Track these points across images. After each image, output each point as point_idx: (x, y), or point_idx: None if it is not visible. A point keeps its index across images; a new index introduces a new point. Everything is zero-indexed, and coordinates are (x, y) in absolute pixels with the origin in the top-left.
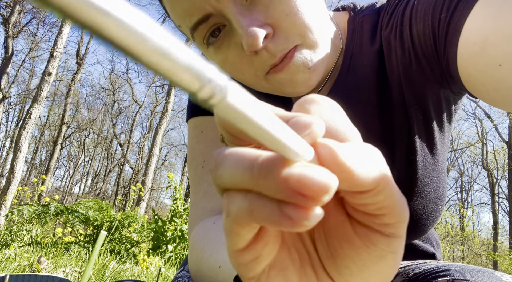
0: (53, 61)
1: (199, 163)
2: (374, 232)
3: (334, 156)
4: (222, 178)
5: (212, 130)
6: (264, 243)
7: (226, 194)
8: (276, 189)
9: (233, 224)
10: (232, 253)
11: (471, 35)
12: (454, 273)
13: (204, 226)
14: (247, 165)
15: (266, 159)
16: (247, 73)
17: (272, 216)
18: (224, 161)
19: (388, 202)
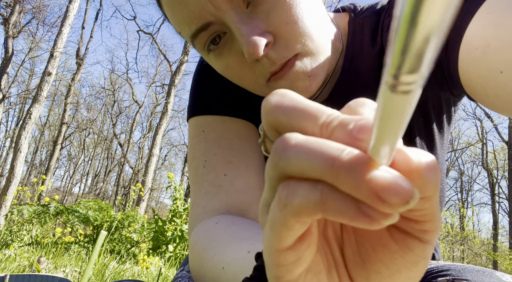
0: (53, 61)
1: (200, 162)
2: (412, 238)
3: (408, 161)
4: (290, 162)
5: (213, 129)
6: (307, 244)
7: (286, 183)
8: (356, 187)
9: (290, 216)
10: (274, 253)
11: (473, 41)
12: (454, 273)
13: (205, 226)
14: (329, 155)
15: (351, 153)
16: (248, 80)
17: (348, 210)
18: (297, 146)
19: (432, 210)
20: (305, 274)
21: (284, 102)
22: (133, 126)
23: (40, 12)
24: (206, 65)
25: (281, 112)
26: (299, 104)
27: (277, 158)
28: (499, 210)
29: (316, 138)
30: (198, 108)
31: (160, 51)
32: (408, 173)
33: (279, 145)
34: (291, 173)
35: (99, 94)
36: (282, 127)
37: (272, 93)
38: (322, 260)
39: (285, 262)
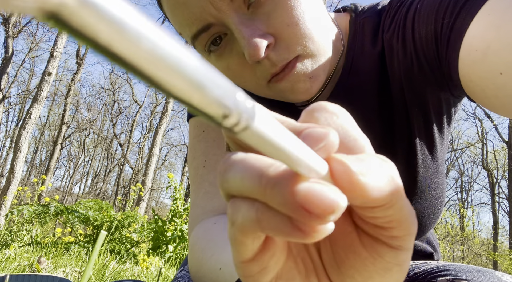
0: (53, 61)
1: (200, 162)
2: (382, 244)
3: (348, 173)
4: (229, 183)
5: (213, 130)
6: (271, 254)
7: (232, 202)
8: (282, 202)
9: (238, 233)
10: (238, 264)
11: (473, 42)
12: (454, 273)
13: (204, 226)
14: (257, 173)
15: (277, 169)
16: (249, 81)
17: (282, 227)
18: (233, 165)
19: (398, 216)
20: (275, 281)
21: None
22: (133, 126)
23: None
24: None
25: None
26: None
27: (220, 177)
28: (499, 210)
29: (252, 155)
30: None
31: None
32: (348, 183)
33: (221, 164)
34: (233, 193)
35: (99, 94)
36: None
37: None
38: (296, 266)
39: (250, 273)
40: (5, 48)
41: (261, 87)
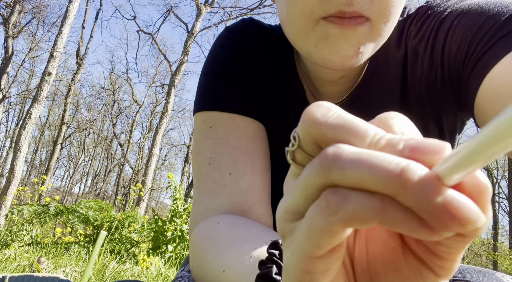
0: (53, 61)
1: (206, 159)
2: (428, 269)
3: (482, 189)
4: (344, 172)
5: (221, 127)
6: (337, 257)
7: (335, 190)
8: (423, 201)
9: (339, 222)
10: (305, 259)
11: (500, 77)
12: (455, 274)
13: (207, 226)
14: (394, 171)
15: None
16: (306, 2)
17: (409, 220)
18: (358, 158)
19: (462, 250)
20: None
21: (331, 116)
22: (133, 126)
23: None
24: (218, 59)
25: (327, 127)
26: (347, 121)
27: (328, 165)
28: (499, 210)
29: (372, 151)
30: (207, 103)
31: (160, 51)
32: (477, 200)
33: (330, 153)
34: (343, 183)
35: (99, 94)
36: (326, 141)
37: (316, 105)
38: (343, 275)
39: (313, 271)
40: (5, 48)
41: (309, 20)
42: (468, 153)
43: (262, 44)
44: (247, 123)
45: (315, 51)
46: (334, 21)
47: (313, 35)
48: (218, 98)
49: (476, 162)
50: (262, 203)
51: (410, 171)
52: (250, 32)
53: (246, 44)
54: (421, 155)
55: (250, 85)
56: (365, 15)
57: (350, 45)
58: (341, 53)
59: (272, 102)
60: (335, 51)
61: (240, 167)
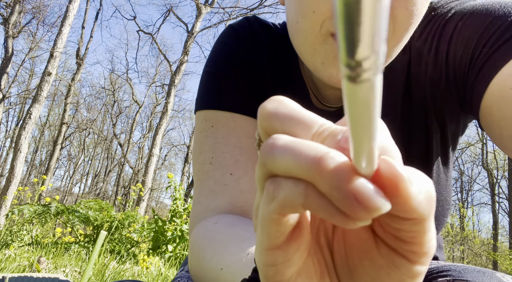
0: (53, 61)
1: (207, 158)
2: (399, 256)
3: (397, 177)
4: (276, 161)
5: (223, 126)
6: (297, 247)
7: (273, 180)
8: (336, 187)
9: (277, 209)
10: (264, 251)
11: (508, 79)
12: (454, 274)
13: (205, 226)
14: (314, 156)
15: (335, 156)
16: (319, 15)
17: (327, 207)
18: (286, 146)
19: (423, 233)
20: (296, 276)
21: (280, 109)
22: (133, 126)
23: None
24: (221, 57)
25: (276, 119)
26: (294, 113)
27: (264, 156)
28: (499, 210)
29: (303, 140)
30: (209, 102)
31: (160, 51)
32: (394, 188)
33: (267, 144)
34: (277, 172)
35: (99, 94)
36: (275, 133)
37: (269, 100)
38: (314, 265)
39: (274, 262)
40: (5, 48)
41: (318, 35)
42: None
43: (265, 43)
44: (248, 122)
45: (322, 68)
46: None
47: (322, 51)
48: (219, 97)
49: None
50: None
51: (328, 159)
52: (253, 30)
53: (249, 43)
54: None
55: (252, 85)
56: None
57: None
58: None
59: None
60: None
61: (241, 167)
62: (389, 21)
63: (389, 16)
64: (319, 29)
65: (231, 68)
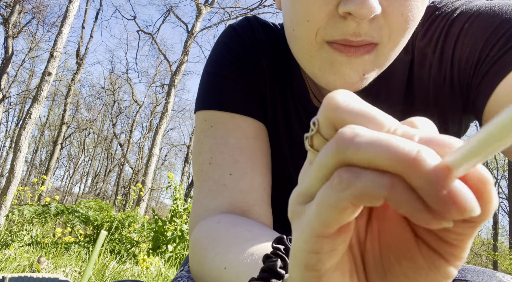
0: (53, 61)
1: (206, 159)
2: (440, 257)
3: (484, 181)
4: (360, 151)
5: (222, 126)
6: (344, 238)
7: (348, 168)
8: (430, 184)
9: (352, 197)
10: (312, 238)
11: None
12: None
13: (207, 225)
14: (409, 153)
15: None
16: (313, 24)
17: (414, 201)
18: (375, 138)
19: (471, 237)
20: (334, 269)
21: (351, 103)
22: (133, 126)
23: (40, 12)
24: (220, 57)
25: (348, 112)
26: (366, 109)
27: (345, 145)
28: (499, 210)
29: (388, 134)
30: (208, 103)
31: (160, 51)
32: (480, 192)
33: (349, 132)
34: (356, 162)
35: (99, 94)
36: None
37: (337, 92)
38: (349, 262)
39: (320, 250)
40: (5, 48)
41: (313, 43)
42: (474, 147)
43: (265, 43)
44: (248, 123)
45: (319, 74)
46: (339, 49)
47: (318, 58)
48: (219, 97)
49: (480, 154)
50: (262, 204)
51: (424, 155)
52: (253, 30)
53: (249, 43)
54: (434, 147)
55: (252, 85)
56: (373, 42)
57: (356, 73)
58: (346, 79)
59: (274, 102)
60: (340, 77)
61: (240, 167)
62: (384, 27)
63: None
64: (314, 37)
65: (231, 68)
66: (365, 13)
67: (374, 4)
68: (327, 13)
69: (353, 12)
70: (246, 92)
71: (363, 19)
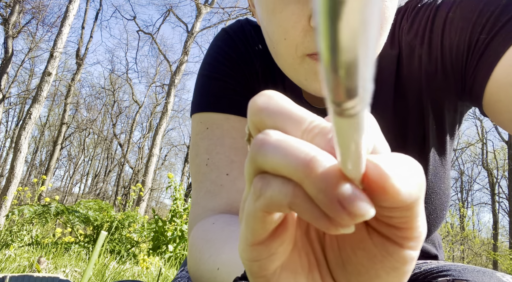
0: (53, 61)
1: (203, 160)
2: (392, 243)
3: (383, 176)
4: (266, 158)
5: (218, 128)
6: (281, 241)
7: (261, 176)
8: (323, 191)
9: (263, 206)
10: (247, 247)
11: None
12: (454, 273)
13: (203, 226)
14: (304, 157)
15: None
16: (291, 41)
17: (313, 210)
18: (277, 143)
19: (414, 218)
20: (280, 271)
21: (270, 104)
22: (133, 126)
23: (40, 12)
24: (214, 60)
25: (266, 114)
26: (285, 108)
27: (255, 151)
28: (499, 210)
29: (295, 139)
30: (203, 105)
31: (160, 51)
32: (381, 187)
33: (259, 139)
34: (267, 168)
35: (99, 95)
36: (266, 128)
37: (259, 94)
38: (300, 259)
39: (258, 258)
40: (5, 48)
41: (295, 57)
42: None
43: (257, 44)
44: (243, 123)
45: (306, 84)
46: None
47: (302, 70)
48: (213, 99)
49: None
50: None
51: (316, 162)
52: (245, 32)
53: (241, 45)
54: None
55: (245, 86)
56: None
57: None
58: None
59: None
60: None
61: (237, 167)
62: None
63: None
64: (294, 52)
65: (224, 70)
66: None
67: None
68: (301, 29)
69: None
70: (240, 93)
71: None
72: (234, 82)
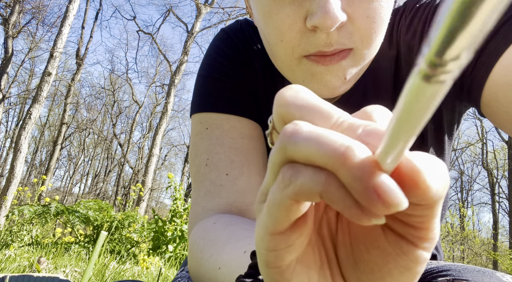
0: (53, 61)
1: (202, 160)
2: (407, 242)
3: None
4: (298, 148)
5: (217, 128)
6: (300, 234)
7: (290, 165)
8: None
9: (292, 194)
10: (267, 236)
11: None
12: (454, 273)
13: (204, 226)
14: (338, 149)
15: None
16: (287, 43)
17: (346, 199)
18: (310, 132)
19: (431, 218)
20: (295, 263)
21: (299, 98)
22: (133, 126)
23: (40, 12)
24: (213, 60)
25: (295, 107)
26: (313, 102)
27: (285, 141)
28: (499, 210)
29: (327, 129)
30: (203, 105)
31: (160, 51)
32: (414, 182)
33: (289, 129)
34: (297, 158)
35: (99, 95)
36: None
37: (287, 88)
38: (314, 254)
39: (276, 248)
40: (5, 48)
41: (292, 59)
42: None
43: (256, 44)
44: (242, 123)
45: (304, 85)
46: (316, 60)
47: (299, 71)
48: (213, 99)
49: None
50: None
51: (352, 151)
52: (244, 33)
53: (240, 45)
54: (375, 140)
55: (245, 86)
56: (347, 48)
57: (337, 78)
58: (329, 86)
59: (267, 102)
60: (323, 85)
61: (236, 167)
62: (354, 33)
63: (353, 28)
64: (291, 54)
65: (224, 70)
66: (329, 24)
67: (337, 14)
68: (297, 31)
69: (318, 25)
70: (239, 93)
71: (329, 30)
72: (233, 82)
